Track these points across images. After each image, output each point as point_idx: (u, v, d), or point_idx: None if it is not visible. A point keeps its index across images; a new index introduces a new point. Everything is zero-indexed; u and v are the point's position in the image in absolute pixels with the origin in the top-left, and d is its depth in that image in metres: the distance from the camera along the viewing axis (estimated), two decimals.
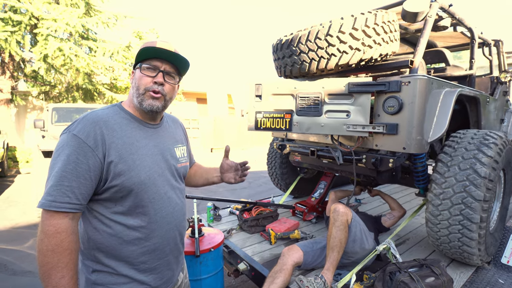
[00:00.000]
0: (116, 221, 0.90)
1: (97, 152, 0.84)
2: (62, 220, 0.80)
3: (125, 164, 0.88)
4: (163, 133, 1.06)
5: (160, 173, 0.97)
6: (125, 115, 0.96)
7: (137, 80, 0.95)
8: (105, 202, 0.90)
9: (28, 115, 10.43)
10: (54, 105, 5.66)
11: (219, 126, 13.12)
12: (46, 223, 0.79)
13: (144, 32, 12.77)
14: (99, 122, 0.87)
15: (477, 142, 1.67)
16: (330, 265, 1.65)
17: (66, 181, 0.80)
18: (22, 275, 2.77)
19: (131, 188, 0.89)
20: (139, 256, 0.93)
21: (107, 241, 0.90)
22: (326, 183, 2.88)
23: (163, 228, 0.97)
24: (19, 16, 7.74)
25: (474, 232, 1.59)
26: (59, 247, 0.79)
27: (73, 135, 0.84)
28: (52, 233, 0.79)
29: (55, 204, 0.79)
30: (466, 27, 2.33)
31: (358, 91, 1.72)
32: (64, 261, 0.80)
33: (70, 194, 0.80)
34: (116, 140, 0.88)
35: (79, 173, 0.81)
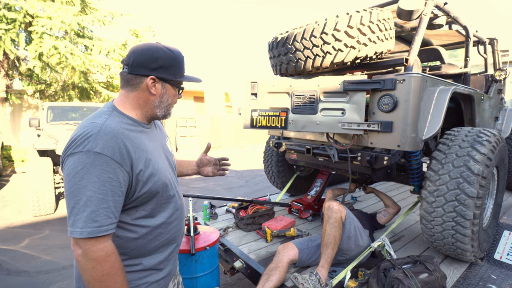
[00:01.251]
0: (139, 225, 0.92)
1: (125, 166, 0.83)
2: (108, 242, 0.80)
3: (150, 170, 0.90)
4: (156, 131, 1.08)
5: (169, 171, 1.03)
6: (129, 121, 0.94)
7: (172, 98, 1.00)
8: (127, 210, 0.90)
9: (23, 114, 10.34)
10: (50, 103, 5.60)
11: (216, 124, 13.10)
12: (93, 250, 0.77)
13: (141, 30, 12.69)
14: (119, 136, 0.84)
15: (471, 140, 1.69)
16: (325, 262, 1.66)
17: (105, 203, 0.79)
18: (17, 274, 2.76)
19: (157, 191, 0.93)
20: (159, 248, 0.98)
21: (131, 244, 0.91)
22: (322, 181, 2.89)
23: (178, 219, 1.04)
24: (14, 13, 7.65)
25: (468, 228, 1.60)
26: (113, 269, 0.80)
27: (97, 153, 0.79)
28: (103, 258, 0.78)
29: (103, 229, 0.78)
30: (461, 25, 2.35)
31: (353, 89, 1.73)
32: (120, 280, 0.82)
33: (111, 214, 0.80)
34: (136, 150, 0.88)
35: (114, 192, 0.80)
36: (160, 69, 0.93)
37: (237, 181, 6.80)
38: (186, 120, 12.14)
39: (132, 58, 0.92)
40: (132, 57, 0.92)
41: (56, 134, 4.49)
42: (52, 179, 4.32)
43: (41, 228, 3.89)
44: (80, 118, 5.74)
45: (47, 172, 4.25)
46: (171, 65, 0.95)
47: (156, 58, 0.92)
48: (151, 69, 0.92)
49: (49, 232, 3.77)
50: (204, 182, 6.58)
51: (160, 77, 0.94)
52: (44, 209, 4.26)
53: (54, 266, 2.93)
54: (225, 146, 13.45)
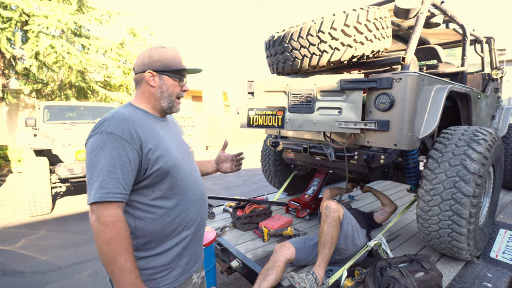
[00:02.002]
0: (156, 205, 0.99)
1: (133, 145, 0.93)
2: (117, 210, 0.89)
3: (160, 150, 0.99)
4: (170, 125, 1.19)
5: (183, 157, 1.10)
6: (142, 112, 1.06)
7: (171, 87, 1.09)
8: (143, 190, 0.98)
9: (20, 114, 10.27)
10: (46, 103, 5.56)
11: (214, 124, 13.08)
12: (103, 215, 0.87)
13: (138, 29, 12.63)
14: (129, 120, 0.96)
15: (467, 139, 1.69)
16: (322, 261, 1.66)
17: (114, 174, 0.88)
18: (12, 275, 2.74)
19: (168, 170, 1.00)
20: (180, 231, 1.04)
21: (152, 226, 0.98)
22: (320, 180, 2.89)
23: (196, 203, 1.09)
24: (9, 12, 7.59)
25: (464, 227, 1.60)
26: (119, 234, 0.88)
27: (109, 133, 0.91)
28: (111, 223, 0.87)
29: (111, 195, 0.87)
30: (458, 24, 2.35)
31: (350, 88, 1.72)
32: (125, 245, 0.89)
33: (119, 185, 0.89)
34: (146, 133, 0.99)
35: (123, 166, 0.90)
36: (155, 63, 1.06)
37: (235, 180, 6.79)
38: (184, 119, 12.12)
39: (135, 62, 1.09)
40: (136, 61, 1.09)
41: (53, 134, 4.47)
42: (49, 179, 4.30)
43: (37, 228, 3.87)
44: (77, 118, 5.71)
45: (44, 172, 4.22)
46: (164, 58, 1.07)
47: (150, 55, 1.07)
48: (147, 65, 1.06)
49: (45, 232, 3.75)
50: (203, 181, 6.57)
51: (156, 70, 1.06)
52: (40, 209, 4.23)
53: (50, 267, 2.91)
54: None
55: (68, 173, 4.20)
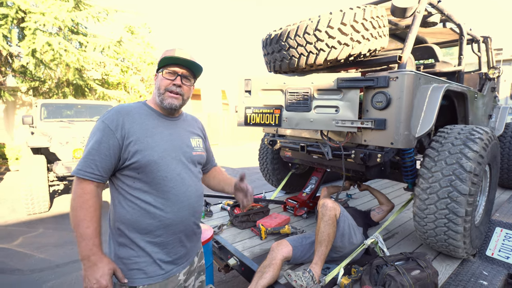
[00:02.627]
0: (136, 196, 1.07)
1: (116, 134, 1.03)
2: (88, 185, 1.01)
3: (141, 145, 1.06)
4: (180, 126, 1.23)
5: (174, 157, 1.12)
6: (147, 109, 1.16)
7: (159, 81, 1.15)
8: (126, 178, 1.07)
9: (17, 111, 10.20)
10: (43, 101, 5.53)
11: (213, 122, 13.06)
12: (76, 187, 1.01)
13: (136, 27, 12.56)
14: (122, 112, 1.08)
15: (463, 137, 1.70)
16: (318, 259, 1.67)
17: (91, 155, 1.01)
18: (10, 273, 2.74)
19: (145, 164, 1.05)
20: (156, 229, 1.08)
21: (129, 214, 1.06)
22: (317, 178, 2.90)
23: (176, 205, 1.10)
24: (5, 9, 7.52)
25: (460, 225, 1.61)
26: (85, 204, 0.99)
27: (102, 121, 1.06)
28: (79, 194, 1.00)
29: (80, 172, 1.00)
30: (455, 23, 2.35)
31: (347, 87, 1.72)
32: (89, 215, 0.99)
33: (93, 166, 1.01)
34: (135, 125, 1.07)
35: (101, 150, 1.02)
36: (157, 66, 1.17)
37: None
38: None
39: None
40: None
41: (50, 132, 4.45)
42: (46, 177, 4.28)
43: (35, 226, 3.86)
44: (75, 116, 5.68)
45: (41, 170, 4.21)
46: (160, 59, 1.14)
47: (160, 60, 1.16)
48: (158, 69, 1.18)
49: (43, 230, 3.74)
50: None
51: (157, 71, 1.17)
52: (38, 207, 4.22)
53: (48, 264, 2.91)
54: (222, 143, 13.42)
55: (66, 171, 4.19)
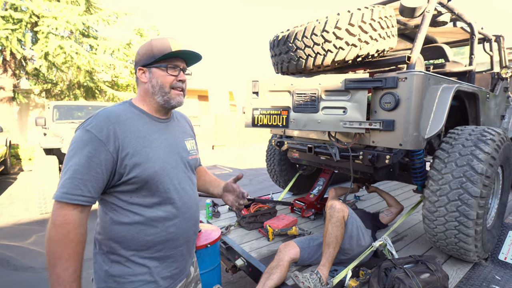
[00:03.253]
0: (134, 212, 0.93)
1: (108, 146, 0.86)
2: (71, 212, 0.82)
3: (140, 157, 0.91)
4: (173, 127, 1.09)
5: (174, 165, 1.01)
6: (136, 111, 1.00)
7: (161, 79, 0.99)
8: (121, 194, 0.92)
9: (30, 113, 10.48)
10: (55, 103, 5.68)
11: (220, 123, 13.12)
12: (55, 213, 0.82)
13: (145, 29, 12.75)
14: (111, 118, 0.90)
15: (474, 139, 1.67)
16: (326, 261, 1.66)
17: (79, 174, 0.83)
18: (23, 270, 2.81)
19: (146, 179, 0.92)
20: (155, 245, 0.96)
21: (125, 231, 0.92)
22: (325, 179, 2.88)
23: (178, 218, 1.00)
24: (20, 14, 7.74)
25: (471, 228, 1.58)
26: (65, 237, 0.81)
27: (87, 130, 0.87)
28: (59, 223, 0.81)
29: (67, 196, 0.82)
30: (466, 22, 2.31)
31: (355, 87, 1.71)
32: (68, 252, 0.81)
33: (82, 186, 0.83)
34: (129, 134, 0.91)
35: (91, 167, 0.84)
36: (142, 59, 1.00)
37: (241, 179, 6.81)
38: (190, 119, 12.18)
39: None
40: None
41: (62, 133, 4.55)
42: (58, 177, 4.37)
43: None
44: (85, 117, 5.78)
45: (53, 170, 4.31)
46: (149, 50, 0.99)
47: (138, 52, 1.02)
48: (137, 62, 1.02)
49: None
50: None
51: (144, 65, 1.00)
52: (50, 206, 4.31)
53: None
54: (229, 144, 13.47)
55: None
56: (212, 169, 8.16)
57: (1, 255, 3.07)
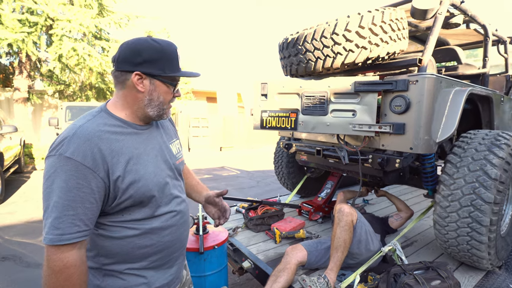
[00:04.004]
0: (127, 227, 0.87)
1: (98, 172, 0.77)
2: (70, 253, 0.75)
3: (132, 176, 0.84)
4: (156, 132, 1.00)
5: (164, 176, 0.95)
6: (116, 122, 0.88)
7: (163, 95, 0.90)
8: (112, 215, 0.86)
9: (44, 113, 10.75)
10: (68, 103, 5.83)
11: (228, 125, 13.18)
12: (53, 258, 0.74)
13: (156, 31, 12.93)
14: (93, 139, 0.79)
15: (488, 143, 1.63)
16: (334, 265, 1.64)
17: (71, 209, 0.74)
18: (35, 267, 2.87)
19: (141, 199, 0.86)
20: (150, 255, 0.92)
21: (118, 247, 0.86)
22: (333, 183, 2.86)
23: (172, 226, 0.97)
24: (36, 17, 7.97)
25: (484, 235, 1.54)
26: (68, 282, 0.74)
27: (67, 158, 0.74)
28: (59, 269, 0.73)
29: (65, 237, 0.73)
30: (479, 24, 2.27)
31: (365, 90, 1.70)
32: None
33: (78, 222, 0.75)
34: (116, 154, 0.82)
35: (83, 199, 0.75)
36: (146, 64, 0.85)
37: (248, 181, 6.82)
38: (199, 120, 12.28)
39: (117, 54, 0.86)
40: (118, 53, 0.86)
41: None
42: None
43: None
44: None
45: None
46: (158, 59, 0.86)
47: (139, 52, 0.84)
48: (135, 64, 0.84)
49: None
50: (216, 182, 6.64)
51: (147, 73, 0.85)
52: None
53: None
54: (237, 146, 13.51)
55: None
56: (219, 170, 8.19)
57: (14, 251, 3.15)
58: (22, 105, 9.06)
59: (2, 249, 3.21)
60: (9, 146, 5.46)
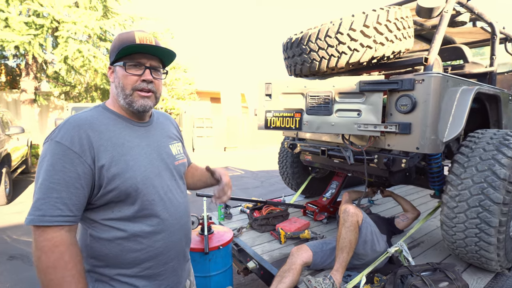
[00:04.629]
0: (116, 227, 0.84)
1: (85, 158, 0.78)
2: (58, 233, 0.73)
3: (118, 167, 0.82)
4: (155, 131, 0.98)
5: (157, 173, 0.91)
6: (111, 115, 0.89)
7: (121, 79, 0.87)
8: (101, 209, 0.84)
9: (50, 114, 10.87)
10: (73, 104, 5.89)
11: (232, 125, 13.20)
12: (40, 240, 0.73)
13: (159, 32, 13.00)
14: (83, 125, 0.80)
15: (496, 143, 1.60)
16: (339, 266, 1.63)
17: (55, 192, 0.74)
18: None
19: (127, 191, 0.83)
20: (142, 262, 0.87)
21: (106, 249, 0.84)
22: (338, 183, 2.84)
23: (166, 231, 0.91)
24: (42, 19, 8.06)
25: (493, 236, 1.52)
26: (60, 261, 0.73)
27: (56, 142, 0.77)
28: (49, 248, 0.72)
29: (46, 219, 0.72)
30: (486, 22, 2.23)
31: (370, 90, 1.69)
32: (69, 274, 0.73)
33: (61, 206, 0.74)
34: (105, 142, 0.82)
35: (68, 183, 0.75)
36: (111, 56, 0.90)
37: (252, 181, 6.82)
38: (203, 121, 12.32)
39: None
40: None
41: None
42: None
43: None
44: None
45: None
46: (114, 46, 0.88)
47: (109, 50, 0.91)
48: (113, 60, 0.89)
49: None
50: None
51: (111, 63, 0.90)
52: None
53: None
54: (241, 146, 13.52)
55: None
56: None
57: (21, 251, 3.19)
58: (29, 106, 9.18)
59: (10, 248, 3.25)
60: (17, 147, 5.52)
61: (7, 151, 4.83)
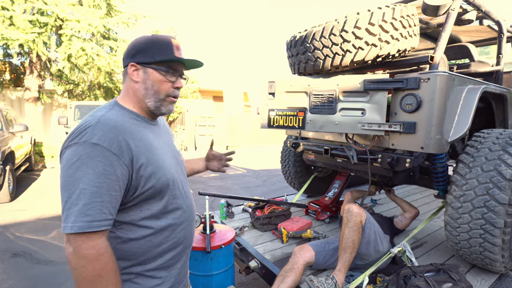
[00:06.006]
0: (143, 226, 0.86)
1: (123, 159, 0.78)
2: (101, 240, 0.74)
3: (153, 166, 0.85)
4: (162, 130, 1.03)
5: (176, 170, 0.97)
6: (132, 115, 0.90)
7: (157, 83, 0.89)
8: (131, 209, 0.84)
9: (53, 112, 10.91)
10: (77, 102, 5.92)
11: (234, 124, 13.20)
12: (84, 247, 0.72)
13: (163, 31, 13.01)
14: (118, 127, 0.81)
15: (502, 143, 1.58)
16: (342, 266, 1.62)
17: (99, 196, 0.73)
18: (45, 264, 2.92)
19: (161, 189, 0.87)
20: (166, 253, 0.91)
21: (136, 247, 0.85)
22: (341, 182, 2.83)
23: (185, 221, 0.98)
24: (46, 18, 8.09)
25: (497, 237, 1.50)
26: (104, 270, 0.74)
27: (93, 144, 0.74)
28: (95, 257, 0.72)
29: (95, 224, 0.72)
30: (493, 20, 2.20)
31: (374, 88, 1.67)
32: (112, 282, 0.76)
33: (105, 209, 0.74)
34: (138, 143, 0.83)
35: (110, 186, 0.75)
36: (138, 54, 0.89)
37: (254, 180, 6.81)
38: (205, 119, 12.32)
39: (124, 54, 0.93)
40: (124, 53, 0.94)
41: None
42: None
43: None
44: None
45: None
46: (149, 47, 0.88)
47: (134, 45, 0.90)
48: (131, 56, 0.89)
49: None
50: (222, 181, 6.65)
51: (139, 62, 0.88)
52: None
53: None
54: (243, 145, 13.52)
55: None
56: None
57: (24, 248, 3.21)
58: (33, 104, 9.24)
59: (13, 245, 3.27)
60: (20, 145, 5.56)
61: (11, 148, 4.86)
